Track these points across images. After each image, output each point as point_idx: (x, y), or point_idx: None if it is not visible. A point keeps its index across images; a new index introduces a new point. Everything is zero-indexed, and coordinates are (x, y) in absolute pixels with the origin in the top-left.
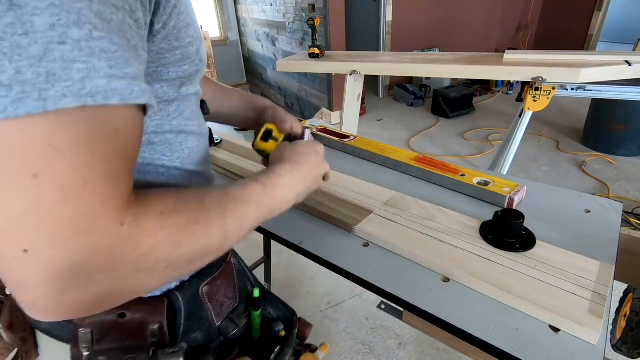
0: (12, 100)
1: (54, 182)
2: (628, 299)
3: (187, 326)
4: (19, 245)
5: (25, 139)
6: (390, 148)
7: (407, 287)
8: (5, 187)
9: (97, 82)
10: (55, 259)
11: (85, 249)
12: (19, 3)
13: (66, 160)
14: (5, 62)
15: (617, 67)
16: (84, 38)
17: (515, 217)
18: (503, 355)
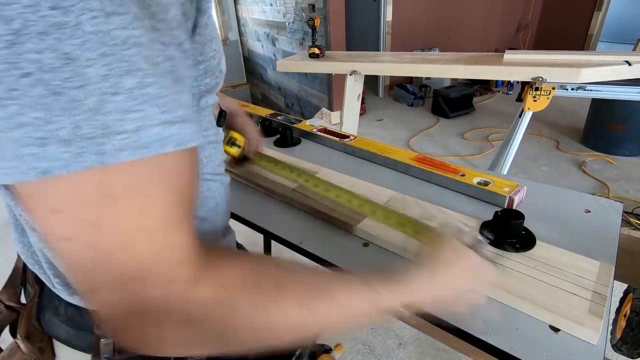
0: (72, 155)
1: (111, 229)
2: (628, 299)
3: None
4: (89, 285)
5: (82, 190)
6: (390, 148)
7: None
8: (73, 234)
9: (151, 131)
10: (115, 302)
11: (138, 298)
12: (74, 56)
13: (119, 207)
14: (64, 118)
15: (617, 67)
16: (136, 86)
17: (515, 217)
18: (503, 355)
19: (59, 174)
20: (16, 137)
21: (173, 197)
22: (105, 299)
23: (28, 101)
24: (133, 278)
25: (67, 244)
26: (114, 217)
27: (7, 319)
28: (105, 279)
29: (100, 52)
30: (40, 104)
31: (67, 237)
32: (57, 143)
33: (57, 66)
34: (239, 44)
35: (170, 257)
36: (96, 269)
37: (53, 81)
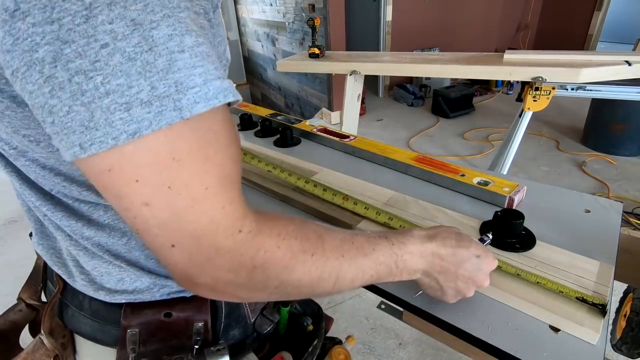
0: (155, 114)
1: (184, 190)
2: (628, 299)
3: (227, 323)
4: (168, 241)
5: (157, 157)
6: (390, 148)
7: (407, 287)
8: (152, 199)
9: (215, 84)
10: (193, 252)
11: (212, 247)
12: (139, 21)
13: (187, 169)
14: (142, 81)
15: (617, 67)
16: (195, 44)
17: (515, 217)
18: (503, 355)
19: (145, 133)
20: (105, 105)
21: (228, 154)
22: (184, 253)
23: (109, 70)
24: (206, 231)
25: (147, 210)
26: (184, 178)
27: (28, 317)
28: (182, 234)
29: (162, 14)
30: (120, 71)
31: (147, 202)
32: (139, 105)
33: (127, 33)
34: (239, 44)
35: (234, 211)
36: (174, 227)
37: (127, 48)
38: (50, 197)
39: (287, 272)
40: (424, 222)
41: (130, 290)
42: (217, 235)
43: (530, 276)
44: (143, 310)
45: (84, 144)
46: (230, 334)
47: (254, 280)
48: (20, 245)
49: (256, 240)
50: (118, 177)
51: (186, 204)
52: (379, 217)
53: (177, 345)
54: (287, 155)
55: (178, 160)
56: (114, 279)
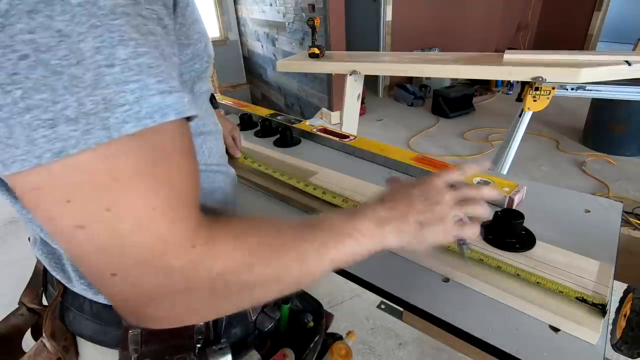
0: (81, 132)
1: (126, 212)
2: (628, 298)
3: (228, 322)
4: (108, 270)
5: (92, 176)
6: (390, 148)
7: (407, 287)
8: (87, 222)
9: (151, 101)
10: (138, 280)
11: (162, 270)
12: (66, 32)
13: (131, 191)
14: (67, 96)
15: (617, 67)
16: (130, 56)
17: (515, 217)
18: (503, 355)
19: (72, 153)
20: (26, 121)
21: (180, 171)
22: (129, 280)
23: (31, 84)
24: (155, 254)
25: (81, 233)
26: (126, 200)
27: (30, 321)
28: (126, 260)
29: (89, 25)
30: (44, 85)
31: (81, 225)
32: (65, 122)
33: (52, 45)
34: (239, 44)
35: (186, 227)
36: (115, 252)
37: (52, 60)
38: None
39: (249, 271)
40: None
41: None
42: (167, 256)
43: (530, 276)
44: None
45: (5, 162)
46: (231, 332)
47: (215, 292)
48: (21, 245)
49: (212, 250)
50: (48, 197)
51: (130, 227)
52: None
53: (179, 345)
54: (287, 155)
55: (119, 180)
56: None
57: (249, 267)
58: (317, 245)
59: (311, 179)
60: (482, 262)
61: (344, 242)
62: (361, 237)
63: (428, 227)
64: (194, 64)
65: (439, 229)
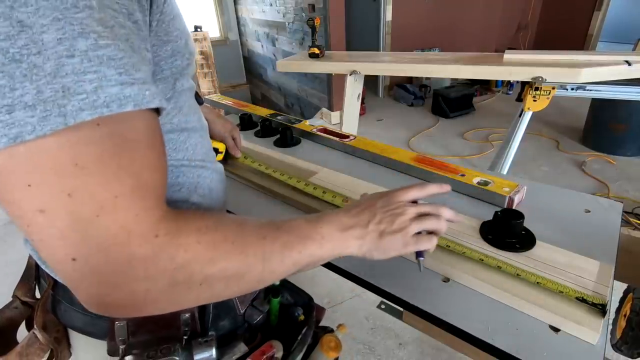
0: (38, 119)
1: (88, 198)
2: (628, 298)
3: (216, 314)
4: (68, 254)
5: (54, 162)
6: (390, 148)
7: (407, 287)
8: (48, 206)
9: (109, 91)
10: (98, 266)
11: (123, 258)
12: (28, 23)
13: (94, 177)
14: (26, 84)
15: (617, 67)
16: (90, 48)
17: (515, 217)
18: (503, 355)
19: (28, 139)
20: None
21: (145, 162)
22: (90, 266)
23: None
24: (116, 241)
25: (42, 217)
26: (89, 186)
27: (24, 314)
28: (88, 246)
29: (52, 17)
30: (1, 72)
31: (42, 209)
32: (23, 108)
33: (12, 34)
34: (239, 44)
35: (150, 217)
36: (77, 238)
37: (11, 49)
38: None
39: (211, 264)
40: None
41: None
42: (129, 244)
43: (530, 276)
44: None
45: None
46: (219, 325)
47: (176, 283)
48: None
49: (175, 241)
50: (8, 181)
51: (91, 213)
52: None
53: (166, 336)
54: (287, 155)
55: (82, 167)
56: None
57: (211, 260)
58: (280, 246)
59: (311, 179)
60: (482, 262)
61: (306, 245)
62: (324, 241)
63: (388, 236)
64: (174, 60)
65: (399, 239)
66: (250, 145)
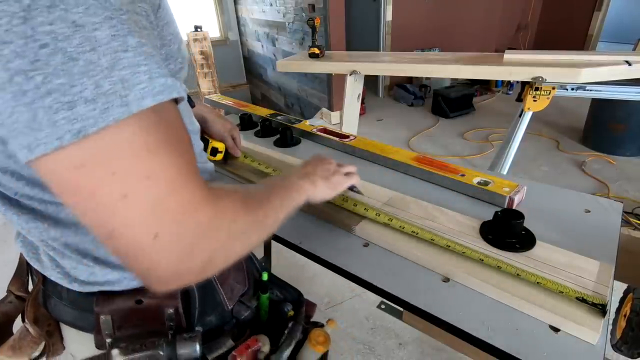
0: (100, 111)
1: (162, 178)
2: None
3: (202, 310)
4: (150, 233)
5: (131, 148)
6: (390, 148)
7: (407, 287)
8: (130, 190)
9: (160, 81)
10: (178, 237)
11: (195, 224)
12: (81, 23)
13: (163, 159)
14: (85, 80)
15: (617, 67)
16: (138, 45)
17: (515, 217)
18: (503, 355)
19: (92, 131)
20: (47, 104)
21: (186, 143)
22: (168, 239)
23: (50, 69)
24: (186, 210)
25: (125, 202)
26: (162, 167)
27: (19, 308)
28: (164, 221)
29: (104, 16)
30: (62, 71)
31: (125, 194)
32: (84, 103)
33: (69, 34)
34: (239, 44)
35: (202, 187)
36: (156, 215)
37: (69, 48)
38: (16, 202)
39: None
40: (423, 222)
41: (101, 282)
42: (195, 212)
43: (530, 276)
44: (114, 298)
45: (30, 145)
46: (206, 320)
47: (230, 236)
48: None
49: (221, 202)
50: (93, 172)
51: (166, 191)
52: (379, 218)
53: (152, 330)
54: (287, 155)
55: (153, 151)
56: (85, 273)
57: (246, 213)
58: (281, 198)
59: None
60: (482, 262)
61: (291, 194)
62: (300, 189)
63: (331, 178)
64: (168, 64)
65: (339, 178)
66: (250, 145)
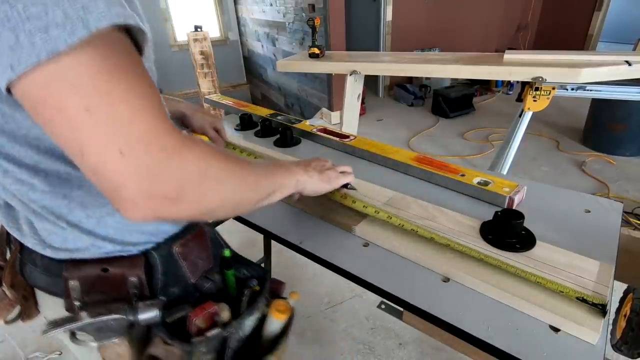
0: (68, 33)
1: (122, 98)
2: (628, 299)
3: (165, 281)
4: (115, 149)
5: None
6: (390, 148)
7: (407, 287)
8: (92, 104)
9: (116, 9)
10: (141, 158)
11: (160, 148)
12: None
13: (122, 82)
14: (55, 8)
15: (617, 67)
16: None
17: (515, 217)
18: (503, 355)
19: (62, 49)
20: (27, 29)
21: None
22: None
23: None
24: (152, 133)
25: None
26: (121, 88)
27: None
28: (129, 139)
29: None
30: (38, 0)
31: (87, 107)
32: (55, 27)
33: None
34: (239, 44)
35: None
36: (119, 133)
37: None
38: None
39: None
40: (423, 222)
41: (72, 249)
42: (163, 136)
43: (530, 276)
44: (82, 265)
45: (13, 65)
46: (169, 291)
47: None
48: None
49: (192, 140)
50: (58, 87)
51: (127, 111)
52: (378, 215)
53: (117, 297)
54: (287, 155)
55: (109, 72)
56: (59, 238)
57: (220, 162)
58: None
59: None
60: (482, 262)
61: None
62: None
63: (326, 172)
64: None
65: (333, 174)
66: (250, 145)
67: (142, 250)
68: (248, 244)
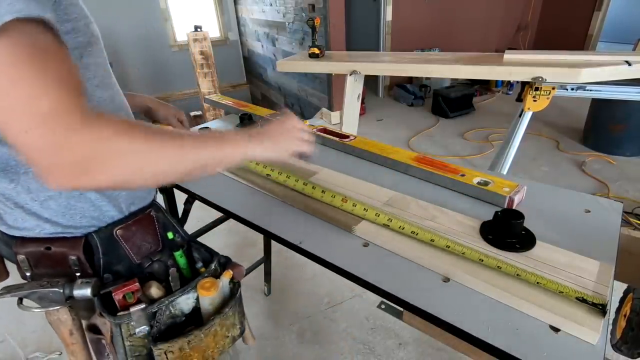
0: None
1: (28, 85)
2: (628, 299)
3: (107, 261)
4: (22, 129)
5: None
6: (390, 148)
7: (407, 287)
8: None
9: (20, 5)
10: (47, 135)
11: (65, 126)
12: None
13: (28, 69)
14: None
15: (617, 67)
16: None
17: (515, 217)
18: (503, 355)
19: None
20: None
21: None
22: (39, 135)
23: None
24: (55, 114)
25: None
26: (25, 75)
27: None
28: (34, 120)
29: None
30: None
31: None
32: None
33: None
34: (239, 44)
35: (78, 100)
36: (24, 115)
37: None
38: None
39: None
40: (423, 222)
41: (21, 228)
42: (68, 116)
43: (530, 276)
44: (28, 242)
45: None
46: (114, 269)
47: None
48: None
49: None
50: None
51: (32, 95)
52: (379, 219)
53: (62, 272)
54: None
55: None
56: (11, 218)
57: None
58: (195, 145)
59: (311, 179)
60: (482, 262)
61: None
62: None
63: (281, 141)
64: (77, 37)
65: (289, 142)
66: None
67: (84, 233)
68: (248, 244)
